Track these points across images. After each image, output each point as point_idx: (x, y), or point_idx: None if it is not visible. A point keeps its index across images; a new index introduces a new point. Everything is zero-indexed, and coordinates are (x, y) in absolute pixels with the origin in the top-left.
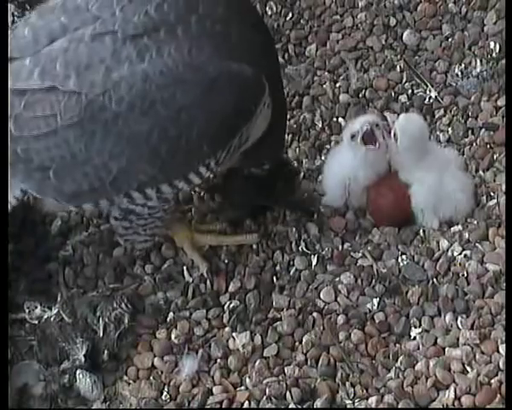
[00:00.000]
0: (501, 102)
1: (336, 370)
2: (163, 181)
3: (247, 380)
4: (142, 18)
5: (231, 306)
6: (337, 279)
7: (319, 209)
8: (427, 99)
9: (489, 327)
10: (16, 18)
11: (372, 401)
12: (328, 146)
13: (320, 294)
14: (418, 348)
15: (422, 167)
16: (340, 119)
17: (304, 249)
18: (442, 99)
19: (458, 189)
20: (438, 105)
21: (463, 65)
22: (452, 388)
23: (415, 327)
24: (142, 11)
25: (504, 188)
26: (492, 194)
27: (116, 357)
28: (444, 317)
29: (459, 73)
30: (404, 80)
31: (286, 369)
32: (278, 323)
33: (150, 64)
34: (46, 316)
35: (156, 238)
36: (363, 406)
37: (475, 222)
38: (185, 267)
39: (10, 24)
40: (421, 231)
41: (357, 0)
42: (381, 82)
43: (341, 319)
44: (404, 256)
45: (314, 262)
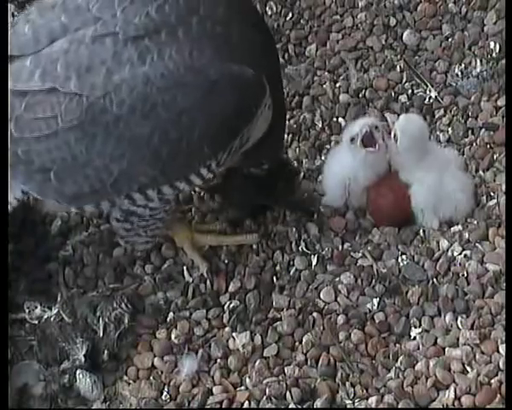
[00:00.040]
0: (501, 102)
1: (336, 370)
2: (164, 182)
3: (247, 380)
4: (143, 19)
5: (231, 306)
6: (337, 279)
7: (319, 209)
8: (427, 99)
9: (489, 327)
10: (16, 18)
11: (372, 401)
12: (328, 146)
13: (320, 294)
14: (418, 348)
15: (422, 167)
16: (340, 119)
17: (304, 249)
18: (442, 99)
19: (458, 189)
20: (438, 105)
21: (463, 65)
22: (452, 388)
23: (415, 327)
24: (143, 12)
25: (504, 188)
26: (492, 194)
27: (116, 357)
28: (444, 317)
29: (459, 73)
30: (404, 80)
31: (286, 369)
32: (278, 323)
33: (151, 67)
34: (46, 316)
35: (157, 239)
36: (363, 406)
37: (475, 222)
38: (185, 267)
39: (10, 24)
40: (421, 231)
41: (357, 0)
42: (381, 82)
43: (341, 319)
44: (404, 256)
45: (314, 262)
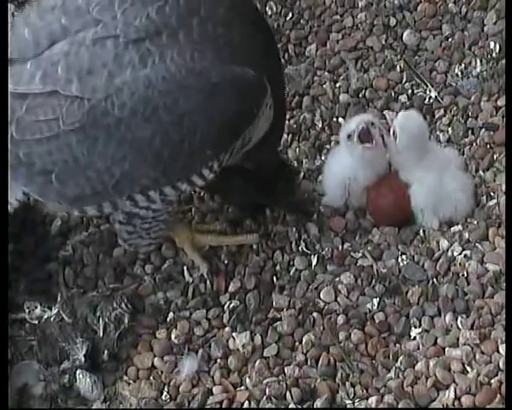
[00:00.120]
0: (501, 102)
1: (336, 370)
2: (166, 184)
3: (247, 380)
4: (143, 21)
5: (231, 306)
6: (337, 279)
7: (319, 209)
8: (427, 99)
9: (489, 327)
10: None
11: (372, 401)
12: (328, 146)
13: (320, 294)
14: (418, 348)
15: (422, 167)
16: (340, 119)
17: (304, 249)
18: (442, 99)
19: (458, 189)
20: (438, 105)
21: (463, 65)
22: (452, 388)
23: (415, 327)
24: (143, 14)
25: (504, 188)
26: (492, 194)
27: (116, 357)
28: (444, 317)
29: (459, 73)
30: (404, 80)
31: (286, 369)
32: (278, 323)
33: (153, 70)
34: (46, 316)
35: (160, 241)
36: (363, 406)
37: (475, 222)
38: (185, 267)
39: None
40: (421, 231)
41: (357, 0)
42: (381, 82)
43: (341, 319)
44: (404, 256)
45: (314, 262)
